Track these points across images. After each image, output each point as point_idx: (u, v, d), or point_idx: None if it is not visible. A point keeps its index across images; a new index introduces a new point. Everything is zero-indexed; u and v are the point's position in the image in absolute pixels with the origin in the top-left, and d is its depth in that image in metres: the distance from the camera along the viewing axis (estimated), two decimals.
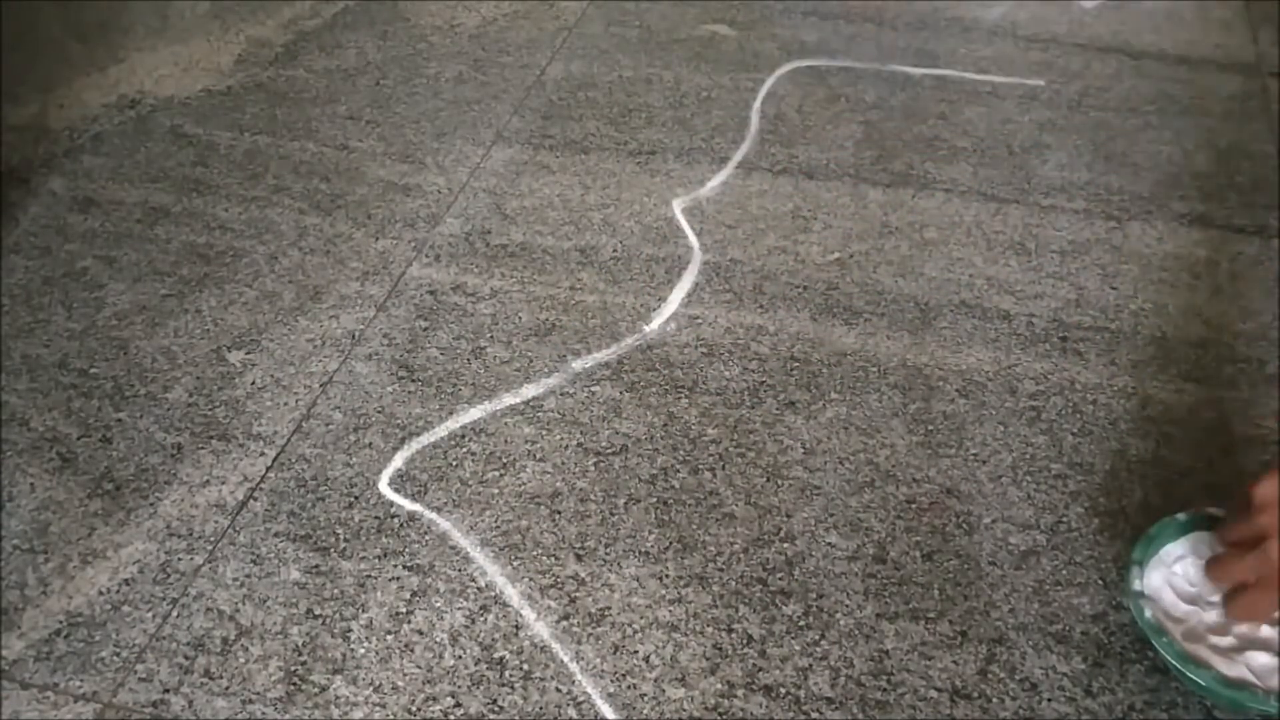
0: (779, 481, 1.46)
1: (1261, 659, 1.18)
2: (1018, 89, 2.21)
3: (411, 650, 1.29)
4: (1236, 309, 1.70)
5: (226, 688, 1.25)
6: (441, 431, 1.54)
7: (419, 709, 1.23)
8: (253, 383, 1.61)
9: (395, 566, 1.37)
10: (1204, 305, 1.71)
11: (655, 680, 1.25)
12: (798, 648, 1.29)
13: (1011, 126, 2.10)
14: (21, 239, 1.87)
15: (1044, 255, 1.81)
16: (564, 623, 1.31)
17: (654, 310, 1.71)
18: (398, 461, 1.50)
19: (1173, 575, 1.27)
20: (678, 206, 1.92)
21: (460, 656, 1.28)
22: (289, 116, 2.18)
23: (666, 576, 1.36)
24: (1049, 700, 1.24)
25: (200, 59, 2.34)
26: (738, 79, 2.25)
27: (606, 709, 1.23)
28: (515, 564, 1.37)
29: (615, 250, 1.83)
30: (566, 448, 1.51)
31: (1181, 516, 1.31)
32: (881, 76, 2.25)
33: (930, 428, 1.53)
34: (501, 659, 1.28)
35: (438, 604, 1.33)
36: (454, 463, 1.49)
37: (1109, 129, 2.09)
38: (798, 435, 1.52)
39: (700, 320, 1.69)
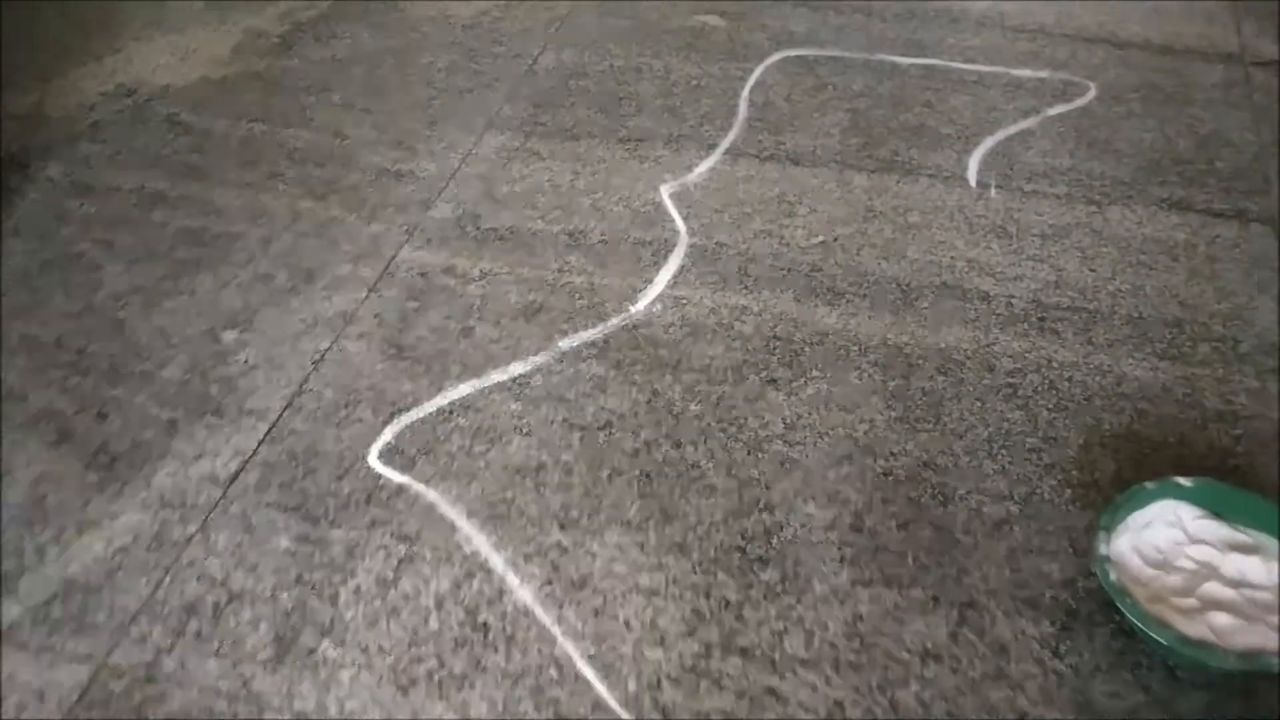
0: (759, 455, 1.50)
1: (1222, 619, 1.21)
2: (1003, 78, 2.24)
3: (398, 614, 1.32)
4: (1213, 290, 1.74)
5: (218, 649, 1.29)
6: (430, 407, 1.57)
7: (405, 669, 1.26)
8: (246, 361, 1.65)
9: (383, 535, 1.41)
10: (1181, 287, 1.75)
11: (634, 642, 1.29)
12: (774, 612, 1.32)
13: (996, 114, 2.13)
14: (20, 223, 1.91)
15: (1025, 239, 1.84)
16: (547, 588, 1.35)
17: (640, 291, 1.75)
18: (387, 435, 1.53)
19: (1139, 541, 1.30)
20: (665, 191, 1.95)
21: (445, 620, 1.31)
22: (284, 105, 2.22)
23: (647, 545, 1.39)
24: (1017, 662, 1.27)
25: (197, 49, 2.38)
26: (727, 68, 2.29)
27: (587, 669, 1.27)
28: (500, 533, 1.41)
29: (603, 234, 1.86)
30: (552, 423, 1.54)
31: (1149, 485, 1.34)
32: (869, 66, 2.29)
33: (909, 404, 1.56)
34: (485, 623, 1.31)
35: (424, 570, 1.37)
36: (442, 437, 1.53)
37: (1092, 117, 2.13)
38: (779, 411, 1.56)
39: (685, 301, 1.73)
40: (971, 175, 1.94)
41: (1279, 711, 1.20)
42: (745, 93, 2.20)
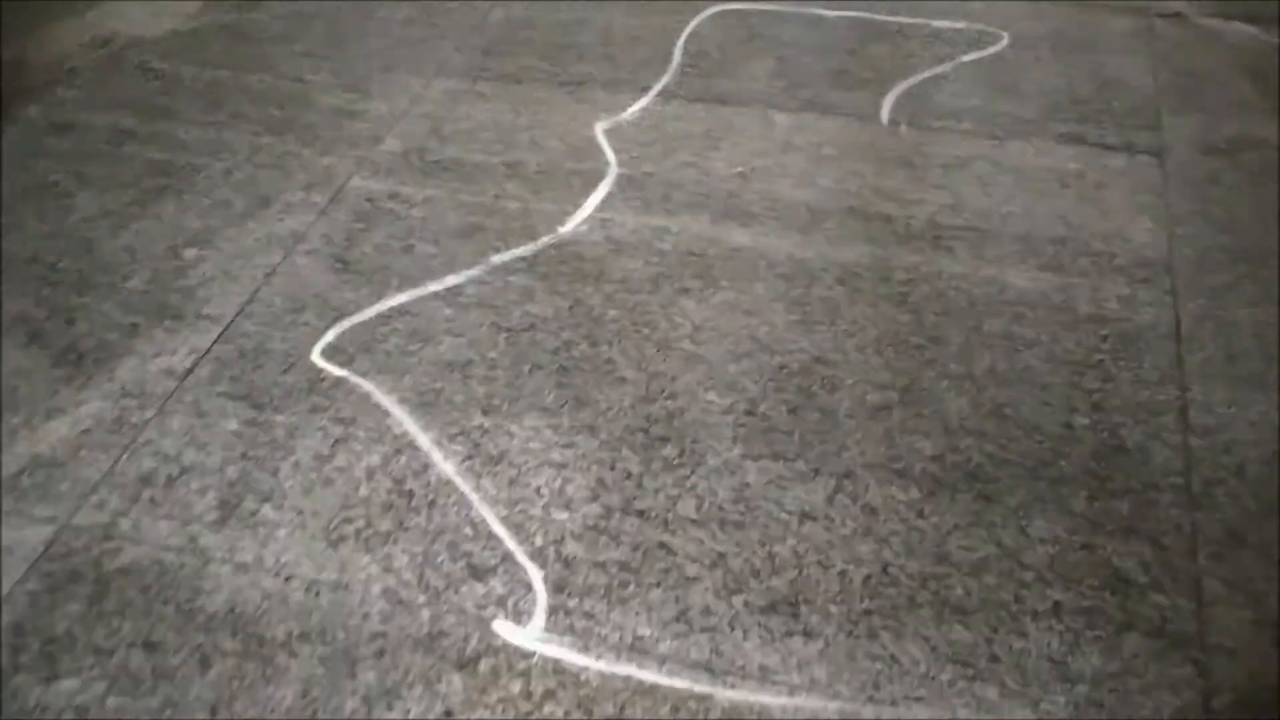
0: (668, 352, 1.65)
1: None
2: (923, 29, 2.40)
3: (332, 483, 1.48)
4: (1097, 212, 1.89)
5: (169, 513, 1.45)
6: (370, 313, 1.73)
7: (335, 529, 1.42)
8: (204, 274, 1.80)
9: (322, 419, 1.56)
10: (1068, 209, 1.90)
11: (544, 506, 1.45)
12: (670, 481, 1.48)
13: (914, 60, 2.29)
14: (1, 158, 2.06)
15: (929, 169, 2.00)
16: (467, 463, 1.50)
17: (570, 215, 1.91)
18: (329, 336, 1.69)
19: None
20: (599, 128, 2.11)
21: (374, 489, 1.47)
22: (249, 54, 2.37)
23: (561, 427, 1.55)
24: (884, 521, 1.43)
25: (168, 4, 2.53)
26: (665, 21, 2.44)
27: (499, 528, 1.42)
28: (428, 417, 1.56)
29: (539, 165, 2.02)
30: (481, 326, 1.70)
31: None
32: (799, 18, 2.44)
33: (808, 309, 1.72)
34: (410, 490, 1.47)
35: (357, 448, 1.52)
36: (380, 338, 1.68)
37: (1003, 62, 2.29)
38: (689, 315, 1.71)
39: (611, 222, 1.89)
40: (885, 114, 2.10)
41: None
42: (680, 42, 2.35)
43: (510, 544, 1.40)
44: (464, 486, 1.46)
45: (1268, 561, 1.36)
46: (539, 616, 1.32)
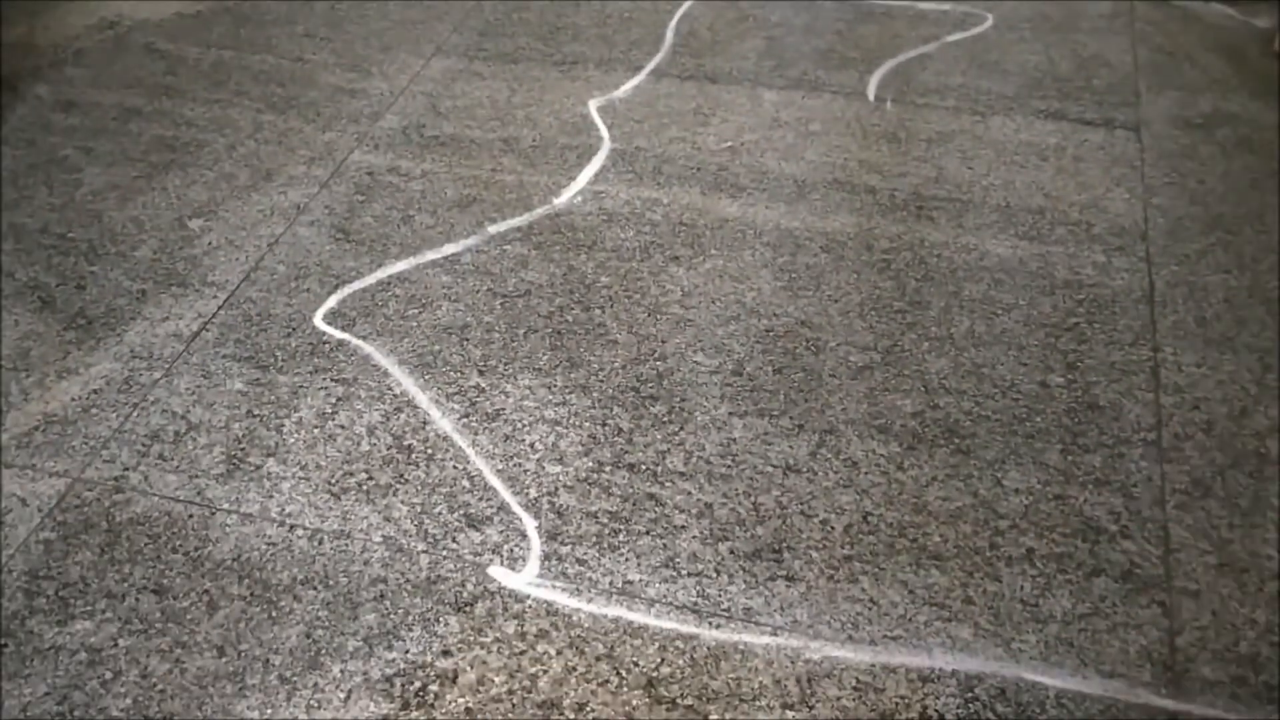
0: (658, 317, 1.71)
1: None
2: (909, 10, 2.46)
3: (334, 439, 1.54)
4: (1075, 184, 1.95)
5: (177, 466, 1.51)
6: (371, 280, 1.79)
7: (338, 481, 1.48)
8: (210, 243, 1.86)
9: (324, 379, 1.62)
10: (1047, 181, 1.96)
11: (538, 460, 1.51)
12: (660, 437, 1.54)
13: (899, 40, 2.35)
14: (10, 134, 2.12)
15: (913, 143, 2.06)
16: (464, 420, 1.56)
17: (564, 187, 1.97)
18: (331, 302, 1.75)
19: None
20: (593, 105, 2.17)
21: (375, 444, 1.53)
22: (252, 34, 2.43)
23: (554, 386, 1.61)
24: (865, 474, 1.49)
25: None
26: (658, 3, 2.50)
27: (495, 481, 1.49)
28: (427, 377, 1.62)
29: (534, 140, 2.08)
30: (478, 292, 1.76)
31: None
32: (788, 1, 2.50)
33: (793, 275, 1.78)
34: (410, 445, 1.53)
35: (358, 406, 1.58)
36: (380, 303, 1.74)
37: (986, 42, 2.35)
38: (679, 282, 1.77)
39: (604, 195, 1.95)
40: (871, 91, 2.16)
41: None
42: (673, 23, 2.41)
43: (505, 495, 1.46)
44: (461, 442, 1.52)
45: (1232, 510, 1.42)
46: (533, 563, 1.37)
